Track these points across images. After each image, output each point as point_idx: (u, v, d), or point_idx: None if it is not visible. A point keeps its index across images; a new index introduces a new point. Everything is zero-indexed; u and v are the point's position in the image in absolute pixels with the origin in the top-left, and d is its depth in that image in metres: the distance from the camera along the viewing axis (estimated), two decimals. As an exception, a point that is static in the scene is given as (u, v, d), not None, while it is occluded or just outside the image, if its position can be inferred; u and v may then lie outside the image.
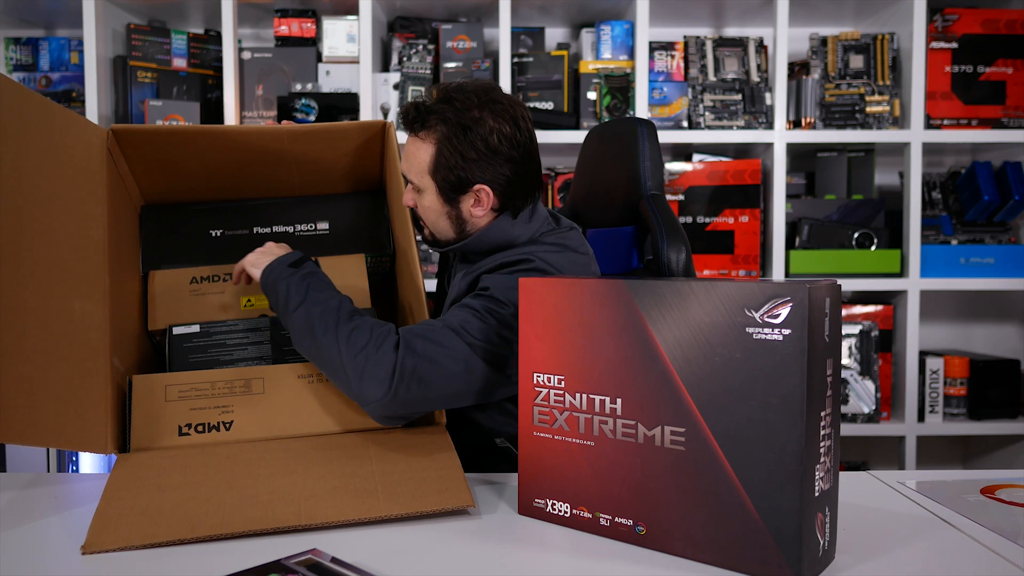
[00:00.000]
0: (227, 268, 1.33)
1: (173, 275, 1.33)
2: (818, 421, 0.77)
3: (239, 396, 1.15)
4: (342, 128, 1.31)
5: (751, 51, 2.39)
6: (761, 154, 2.42)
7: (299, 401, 1.16)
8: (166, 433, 1.10)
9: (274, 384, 1.16)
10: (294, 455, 1.06)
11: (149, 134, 1.28)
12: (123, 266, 1.25)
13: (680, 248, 1.40)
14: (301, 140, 1.30)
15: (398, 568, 0.81)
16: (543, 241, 1.24)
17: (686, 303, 0.81)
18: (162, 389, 1.14)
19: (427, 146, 1.20)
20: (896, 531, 0.91)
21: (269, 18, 2.47)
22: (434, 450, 1.07)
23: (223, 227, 1.38)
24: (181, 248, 1.36)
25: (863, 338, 2.35)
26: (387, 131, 1.31)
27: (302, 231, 1.40)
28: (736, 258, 2.37)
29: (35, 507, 1.00)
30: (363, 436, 1.12)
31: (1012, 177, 2.33)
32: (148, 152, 1.27)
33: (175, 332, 1.26)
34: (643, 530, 0.86)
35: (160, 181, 1.34)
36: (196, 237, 1.37)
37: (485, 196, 1.21)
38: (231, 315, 1.31)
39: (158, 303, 1.30)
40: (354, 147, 1.34)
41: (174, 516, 0.91)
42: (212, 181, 1.36)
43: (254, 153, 1.31)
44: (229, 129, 1.34)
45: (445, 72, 2.33)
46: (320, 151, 1.34)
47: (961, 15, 2.32)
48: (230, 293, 1.32)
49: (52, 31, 2.58)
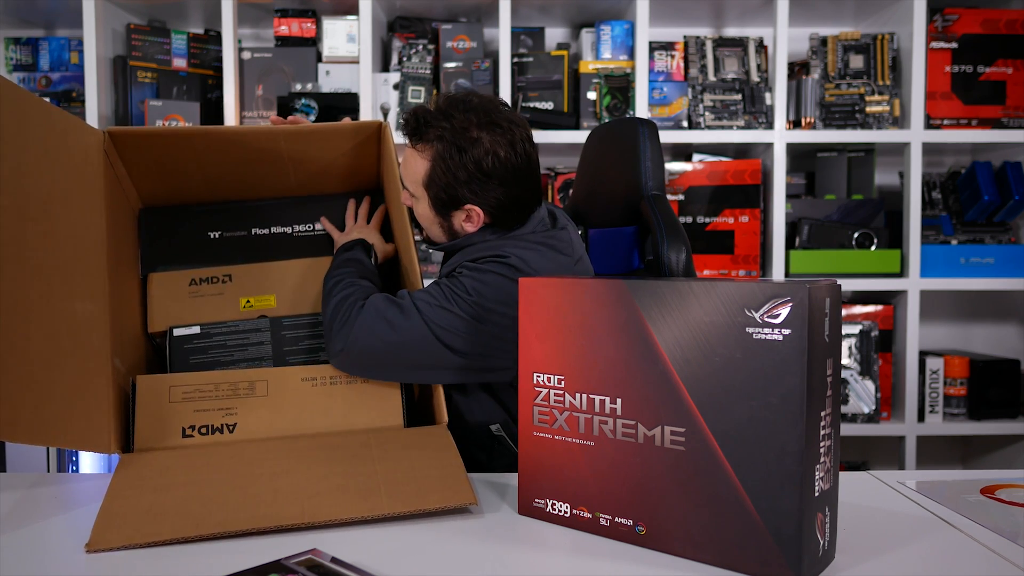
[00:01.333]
0: (225, 269, 1.34)
1: (172, 277, 1.33)
2: (818, 421, 0.77)
3: (243, 398, 1.15)
4: (338, 128, 1.30)
5: (751, 51, 2.39)
6: (761, 154, 2.42)
7: (303, 404, 1.16)
8: (170, 434, 1.11)
9: (278, 387, 1.17)
10: (297, 455, 1.06)
11: (144, 136, 1.27)
12: (122, 268, 1.25)
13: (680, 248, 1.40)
14: (297, 140, 1.30)
15: (398, 568, 0.81)
16: (524, 239, 1.25)
17: (686, 303, 0.81)
18: (166, 390, 1.14)
19: (423, 160, 1.22)
20: (896, 531, 0.91)
21: (269, 18, 2.47)
22: (436, 450, 1.07)
23: (221, 228, 1.38)
24: (180, 250, 1.36)
25: (863, 338, 2.36)
26: (383, 132, 1.31)
27: (300, 232, 1.40)
28: (736, 258, 2.37)
29: (37, 507, 1.00)
30: (366, 436, 1.12)
31: (1012, 177, 2.33)
32: (144, 154, 1.27)
33: (176, 333, 1.26)
34: (643, 530, 0.86)
35: (157, 182, 1.34)
36: (195, 239, 1.37)
37: (475, 215, 1.23)
38: (230, 316, 1.30)
39: (157, 305, 1.30)
40: (350, 147, 1.34)
41: (178, 515, 0.92)
42: (209, 182, 1.36)
43: (251, 153, 1.31)
44: (225, 130, 1.34)
45: (445, 72, 2.33)
46: (316, 151, 1.33)
47: (961, 15, 2.32)
48: (229, 294, 1.32)
49: (52, 31, 2.58)
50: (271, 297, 1.33)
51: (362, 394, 1.18)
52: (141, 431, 1.10)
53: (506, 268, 1.18)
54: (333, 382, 1.18)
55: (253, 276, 1.34)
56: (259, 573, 0.78)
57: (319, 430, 1.14)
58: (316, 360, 1.28)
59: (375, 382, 1.19)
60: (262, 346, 1.27)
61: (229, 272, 1.33)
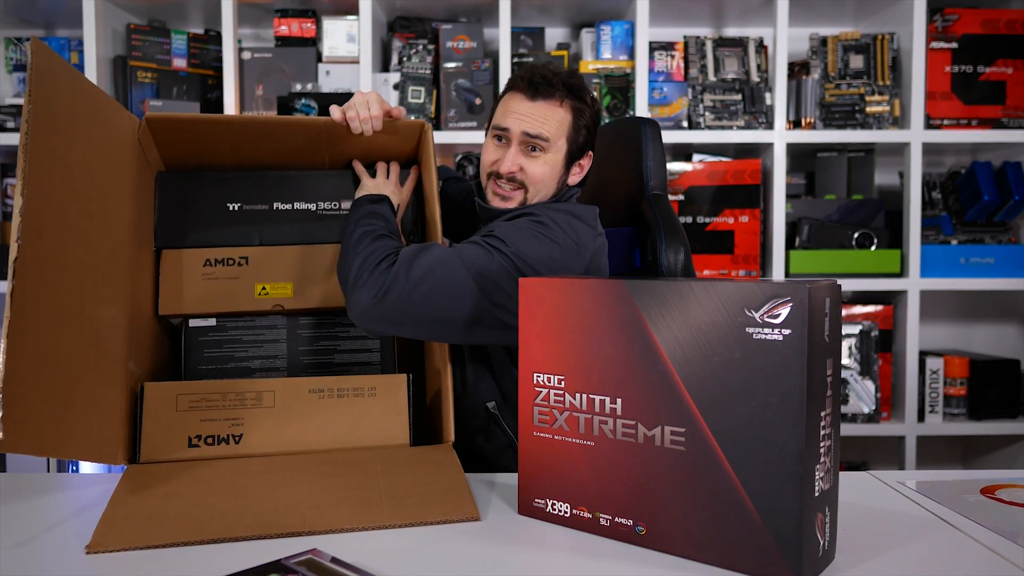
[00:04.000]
0: (241, 251, 1.29)
1: (185, 256, 1.27)
2: (818, 421, 0.77)
3: (250, 409, 1.14)
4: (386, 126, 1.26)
5: (751, 51, 2.39)
6: (761, 154, 2.42)
7: (309, 416, 1.15)
8: (176, 443, 1.11)
9: (285, 398, 1.16)
10: (301, 468, 1.07)
11: (183, 123, 1.24)
12: (142, 250, 1.23)
13: (679, 248, 1.40)
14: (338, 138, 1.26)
15: (398, 568, 0.81)
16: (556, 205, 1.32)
17: (686, 303, 0.81)
18: (173, 398, 1.13)
19: (564, 111, 1.30)
20: (896, 531, 0.91)
21: (269, 18, 2.47)
22: (441, 467, 1.07)
23: (241, 200, 1.30)
24: (195, 220, 1.29)
25: (863, 338, 2.35)
26: (424, 132, 1.28)
27: (324, 209, 1.33)
28: (736, 258, 2.37)
29: (37, 507, 1.01)
30: (371, 452, 1.12)
31: (1012, 177, 2.33)
32: (180, 142, 1.25)
33: (191, 325, 1.25)
34: (643, 530, 0.86)
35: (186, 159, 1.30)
36: (212, 209, 1.30)
37: (587, 162, 1.37)
38: (244, 302, 1.27)
39: (169, 286, 1.26)
40: (392, 145, 1.31)
41: (179, 520, 0.92)
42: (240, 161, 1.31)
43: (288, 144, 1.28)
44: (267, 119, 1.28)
45: (445, 72, 2.33)
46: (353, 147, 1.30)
47: (961, 15, 2.32)
48: (244, 279, 1.28)
49: (52, 31, 2.58)
50: (288, 285, 1.28)
51: (370, 407, 1.17)
52: (148, 440, 1.10)
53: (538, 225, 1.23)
54: (341, 394, 1.17)
55: (271, 260, 1.29)
56: (259, 573, 0.78)
57: (325, 444, 1.14)
58: (331, 363, 1.28)
59: (383, 395, 1.18)
60: (277, 344, 1.26)
61: (246, 255, 1.28)
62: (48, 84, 0.95)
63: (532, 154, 1.29)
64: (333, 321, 1.29)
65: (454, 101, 2.32)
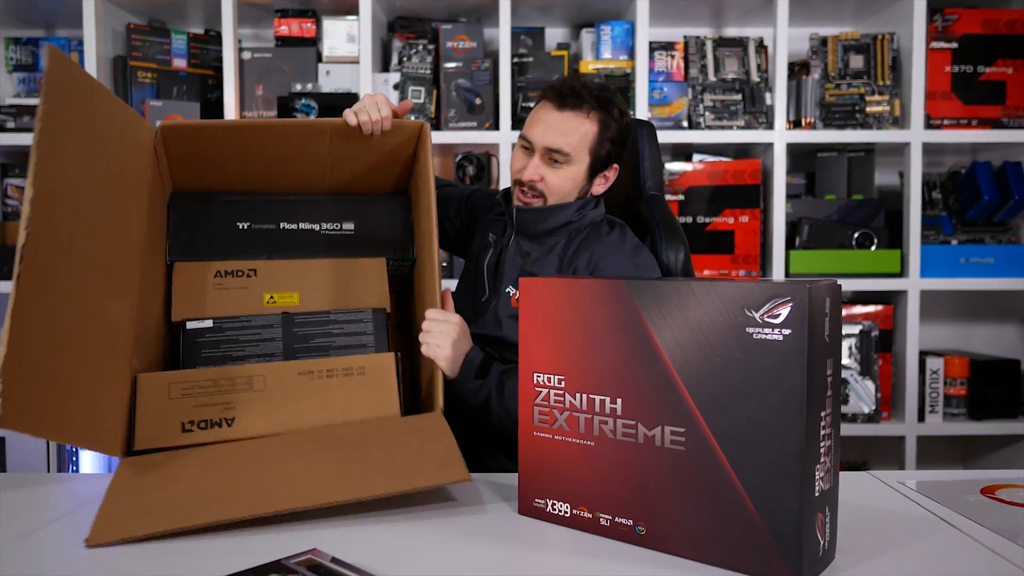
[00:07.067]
0: (251, 264, 1.34)
1: (197, 267, 1.32)
2: (818, 421, 0.77)
3: (241, 393, 1.17)
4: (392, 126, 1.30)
5: (751, 51, 2.39)
6: (761, 154, 2.42)
7: (300, 397, 1.18)
8: (170, 429, 1.12)
9: (276, 381, 1.18)
10: (293, 447, 1.08)
11: (194, 129, 1.29)
12: (153, 258, 1.25)
13: (678, 248, 1.41)
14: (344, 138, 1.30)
15: (398, 568, 0.81)
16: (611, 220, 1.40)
17: (686, 303, 0.81)
18: (166, 387, 1.15)
19: (590, 123, 1.33)
20: (896, 531, 0.91)
21: (269, 18, 2.47)
22: (432, 435, 1.09)
23: (250, 220, 1.37)
24: (206, 238, 1.35)
25: (863, 338, 2.35)
26: (423, 132, 1.31)
27: (328, 230, 1.40)
28: (736, 258, 2.37)
29: (37, 506, 1.01)
30: (361, 425, 1.14)
31: (1012, 177, 2.33)
32: (189, 146, 1.28)
33: (189, 327, 1.27)
34: (643, 530, 0.86)
35: (194, 175, 1.34)
36: (222, 228, 1.36)
37: (612, 173, 1.39)
38: (252, 309, 1.31)
39: (181, 295, 1.30)
40: (393, 145, 1.34)
41: (175, 508, 0.93)
42: (246, 175, 1.36)
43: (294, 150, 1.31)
44: (273, 123, 1.34)
45: (445, 72, 2.33)
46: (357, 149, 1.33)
47: (961, 15, 2.32)
48: (253, 289, 1.33)
49: (52, 31, 2.58)
50: (295, 295, 1.34)
51: (359, 386, 1.20)
52: (142, 428, 1.11)
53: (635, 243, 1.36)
54: (330, 375, 1.20)
55: (279, 272, 1.34)
56: (259, 573, 0.78)
57: (317, 423, 1.16)
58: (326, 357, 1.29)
59: (372, 374, 1.20)
60: (273, 342, 1.28)
61: (255, 267, 1.34)
62: (64, 88, 0.97)
63: (554, 165, 1.33)
64: (328, 318, 1.31)
65: (454, 101, 2.32)
